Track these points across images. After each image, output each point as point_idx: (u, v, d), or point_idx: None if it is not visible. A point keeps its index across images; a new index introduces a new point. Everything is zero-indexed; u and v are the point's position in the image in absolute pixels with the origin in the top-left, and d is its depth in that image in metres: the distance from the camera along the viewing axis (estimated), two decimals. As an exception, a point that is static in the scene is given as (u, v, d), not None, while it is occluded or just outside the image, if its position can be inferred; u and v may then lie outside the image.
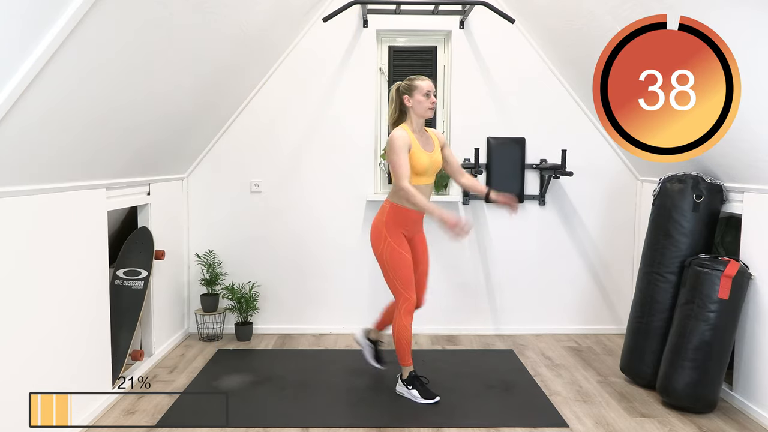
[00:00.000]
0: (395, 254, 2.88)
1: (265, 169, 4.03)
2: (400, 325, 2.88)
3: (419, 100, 2.87)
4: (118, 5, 1.99)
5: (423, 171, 2.87)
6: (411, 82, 2.90)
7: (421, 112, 2.89)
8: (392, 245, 2.88)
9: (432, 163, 2.90)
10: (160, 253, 3.43)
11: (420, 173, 2.86)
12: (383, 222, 2.92)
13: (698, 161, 3.07)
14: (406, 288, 2.89)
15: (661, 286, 3.09)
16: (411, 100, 2.89)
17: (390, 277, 2.91)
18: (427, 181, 2.93)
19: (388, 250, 2.89)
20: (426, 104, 2.88)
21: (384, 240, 2.90)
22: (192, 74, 2.99)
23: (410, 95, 2.89)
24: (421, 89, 2.87)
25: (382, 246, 2.91)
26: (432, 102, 2.89)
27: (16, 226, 2.16)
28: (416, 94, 2.87)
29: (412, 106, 2.89)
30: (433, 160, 2.91)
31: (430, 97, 2.88)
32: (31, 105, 1.90)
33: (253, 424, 2.69)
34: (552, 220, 4.09)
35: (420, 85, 2.87)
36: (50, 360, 2.38)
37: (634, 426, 2.71)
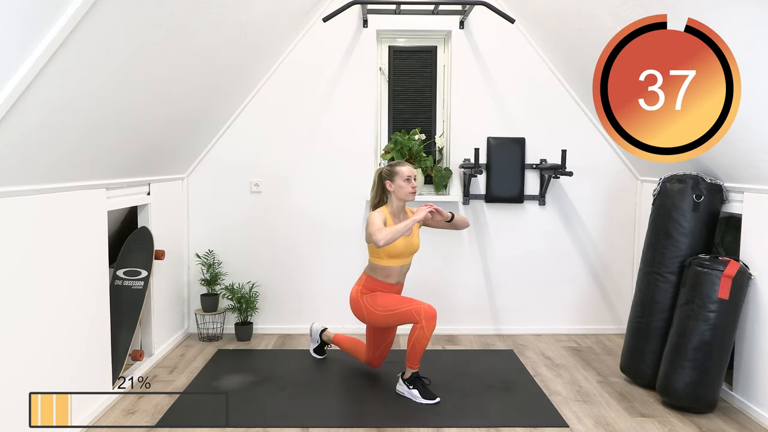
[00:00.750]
0: (374, 298, 3.03)
1: (265, 169, 4.03)
2: (421, 336, 2.88)
3: (400, 185, 3.02)
4: (118, 5, 1.99)
5: (397, 254, 3.02)
6: (392, 168, 3.07)
7: (401, 196, 3.04)
8: (371, 302, 3.02)
9: (407, 246, 3.04)
10: (160, 253, 3.43)
11: (394, 256, 3.02)
12: (358, 293, 3.09)
13: (698, 161, 3.07)
14: (408, 304, 2.92)
15: (661, 286, 3.09)
16: (392, 185, 3.04)
17: (390, 315, 2.97)
18: (403, 262, 3.08)
19: (367, 302, 3.04)
20: (407, 189, 3.02)
21: (362, 300, 3.05)
22: (192, 74, 2.99)
23: (392, 180, 3.04)
24: (402, 174, 3.02)
25: (362, 305, 3.06)
26: (413, 187, 3.03)
27: (17, 226, 2.16)
28: (397, 179, 3.02)
29: (394, 191, 3.05)
30: (409, 243, 3.04)
31: (410, 182, 3.03)
32: (31, 105, 1.89)
33: (253, 424, 2.69)
34: (552, 220, 4.09)
35: (401, 171, 3.03)
36: (50, 360, 2.38)
37: (634, 426, 2.71)
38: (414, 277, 3.33)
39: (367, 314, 3.05)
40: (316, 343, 3.57)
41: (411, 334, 2.91)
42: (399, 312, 2.93)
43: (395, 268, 3.05)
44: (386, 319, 2.99)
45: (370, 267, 3.12)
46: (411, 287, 3.32)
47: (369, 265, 3.12)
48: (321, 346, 3.57)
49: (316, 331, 3.58)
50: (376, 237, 2.82)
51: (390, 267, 3.04)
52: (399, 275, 3.10)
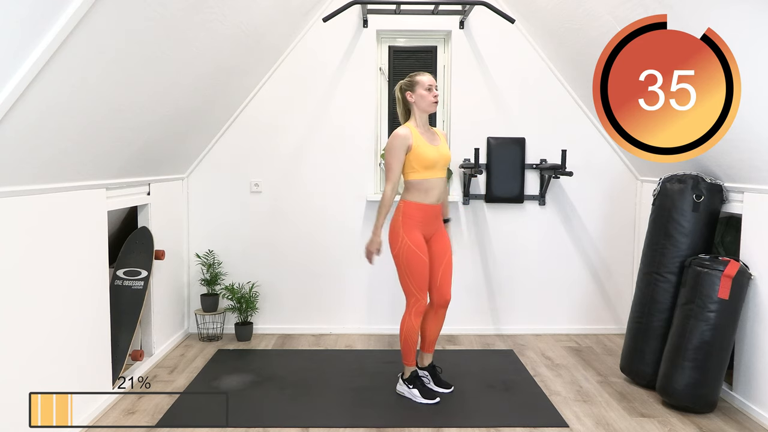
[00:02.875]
0: (411, 255, 2.84)
1: (265, 169, 4.03)
2: (409, 326, 2.88)
3: (422, 95, 2.88)
4: (117, 5, 1.99)
5: (432, 164, 2.86)
6: (412, 78, 2.91)
7: (424, 107, 2.90)
8: (409, 246, 2.85)
9: (441, 155, 2.89)
10: (160, 253, 3.43)
11: (428, 167, 2.85)
12: (399, 222, 2.89)
13: (698, 161, 3.07)
14: (419, 290, 2.88)
15: (661, 286, 3.09)
16: (414, 96, 2.89)
17: (404, 277, 2.89)
18: (438, 174, 2.91)
19: (405, 251, 2.85)
20: (429, 98, 2.88)
21: (401, 240, 2.86)
22: (192, 74, 2.99)
23: (412, 91, 2.89)
24: (422, 84, 2.88)
25: (398, 246, 2.87)
26: (435, 95, 2.89)
27: (16, 226, 2.16)
28: (418, 89, 2.88)
29: (415, 102, 2.89)
30: (441, 153, 2.90)
31: (432, 90, 2.88)
32: (31, 105, 1.90)
33: (253, 424, 2.69)
34: (552, 220, 4.09)
35: (421, 80, 2.88)
36: (50, 360, 2.38)
37: (634, 426, 2.71)
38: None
39: (396, 251, 2.87)
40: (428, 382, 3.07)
41: (401, 329, 2.91)
42: (410, 282, 2.85)
43: (433, 180, 2.87)
44: (402, 269, 2.86)
45: (406, 188, 2.91)
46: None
47: (405, 186, 2.93)
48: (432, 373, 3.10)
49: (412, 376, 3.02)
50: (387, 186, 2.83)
51: (428, 180, 2.86)
52: (438, 190, 2.90)
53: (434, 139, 2.93)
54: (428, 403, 2.91)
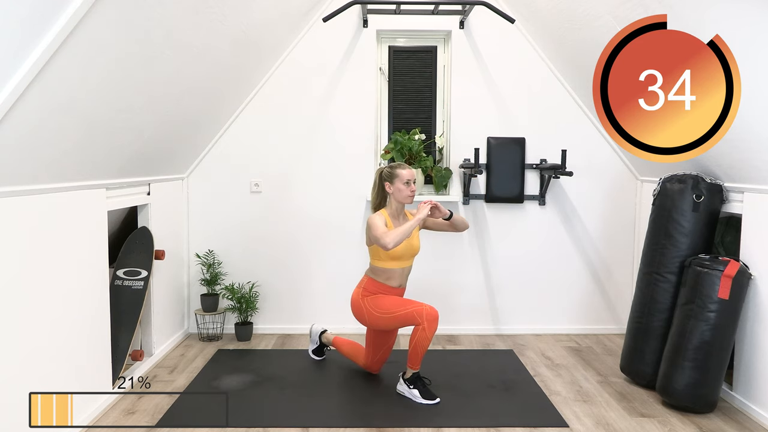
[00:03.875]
0: (376, 300, 3.01)
1: (265, 169, 4.03)
2: (422, 337, 2.87)
3: (399, 188, 3.02)
4: (117, 5, 1.99)
5: (398, 256, 3.01)
6: (393, 170, 3.05)
7: (400, 199, 3.04)
8: (372, 305, 3.01)
9: (408, 248, 3.02)
10: (160, 253, 3.43)
11: (395, 258, 3.00)
12: (359, 295, 3.08)
13: (698, 161, 3.07)
14: (410, 305, 2.91)
15: (661, 286, 3.09)
16: (392, 188, 3.04)
17: (392, 321, 2.96)
18: (403, 265, 3.07)
19: (369, 304, 3.02)
20: (406, 192, 3.02)
21: (365, 310, 3.04)
22: (192, 74, 2.99)
23: (391, 182, 3.04)
24: (401, 178, 3.01)
25: (363, 308, 3.04)
26: (411, 190, 3.03)
27: (16, 226, 2.16)
28: (396, 182, 3.02)
29: (393, 193, 3.04)
30: (409, 245, 3.03)
31: (410, 185, 3.02)
32: (31, 105, 1.89)
33: (253, 424, 2.69)
34: (552, 220, 4.09)
35: (401, 174, 3.02)
36: (50, 360, 2.38)
37: (634, 426, 2.71)
38: (414, 278, 3.33)
39: (368, 317, 3.04)
40: (315, 345, 3.55)
41: (413, 336, 2.90)
42: (401, 314, 2.92)
43: (397, 270, 3.05)
44: (388, 321, 2.99)
45: (371, 269, 3.11)
46: (411, 288, 3.32)
47: (370, 267, 3.12)
48: (320, 347, 3.55)
49: (315, 333, 3.56)
50: (384, 241, 2.82)
51: (392, 269, 3.04)
52: (401, 278, 3.09)
53: None
54: (428, 404, 2.90)
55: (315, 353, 3.56)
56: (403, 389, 3.00)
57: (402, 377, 3.03)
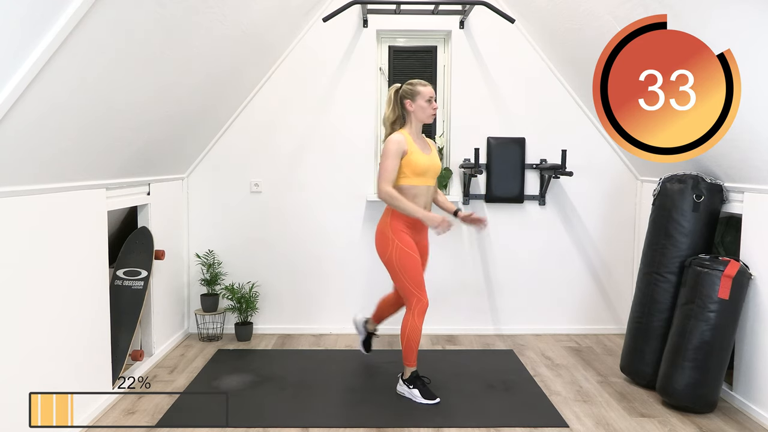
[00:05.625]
0: (404, 256, 2.87)
1: (265, 169, 4.03)
2: (412, 326, 2.87)
3: (422, 106, 2.90)
4: (117, 5, 1.99)
5: (422, 171, 2.89)
6: (414, 87, 2.91)
7: (422, 118, 2.92)
8: (400, 247, 2.87)
9: (432, 164, 2.93)
10: (160, 253, 3.43)
11: (420, 174, 2.89)
12: (387, 225, 2.92)
13: (698, 161, 3.07)
14: (419, 288, 2.89)
15: (661, 286, 3.09)
16: (413, 105, 2.90)
17: (401, 280, 2.90)
18: (428, 182, 2.94)
19: (396, 253, 2.88)
20: (429, 110, 2.91)
21: (391, 243, 2.89)
22: (192, 74, 2.99)
23: (413, 100, 2.90)
24: (423, 95, 2.89)
25: (389, 250, 2.90)
26: (434, 108, 2.92)
27: (16, 226, 2.16)
28: (419, 100, 2.89)
29: (414, 111, 2.91)
30: (433, 161, 2.95)
31: (432, 103, 2.91)
32: (31, 105, 1.90)
33: (253, 424, 2.69)
34: (552, 220, 4.09)
35: (423, 91, 2.90)
36: (50, 360, 2.38)
37: (634, 426, 2.71)
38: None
39: (387, 256, 2.89)
40: (362, 335, 3.45)
41: (403, 329, 2.90)
42: (407, 285, 2.87)
43: (422, 187, 2.90)
44: (397, 272, 2.88)
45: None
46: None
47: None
48: (368, 338, 3.46)
49: (360, 323, 3.45)
50: (380, 185, 2.79)
51: (417, 186, 2.89)
52: (426, 197, 2.93)
53: (426, 148, 2.98)
54: (428, 404, 2.90)
55: (364, 346, 3.47)
56: (403, 390, 3.00)
57: (401, 378, 3.03)
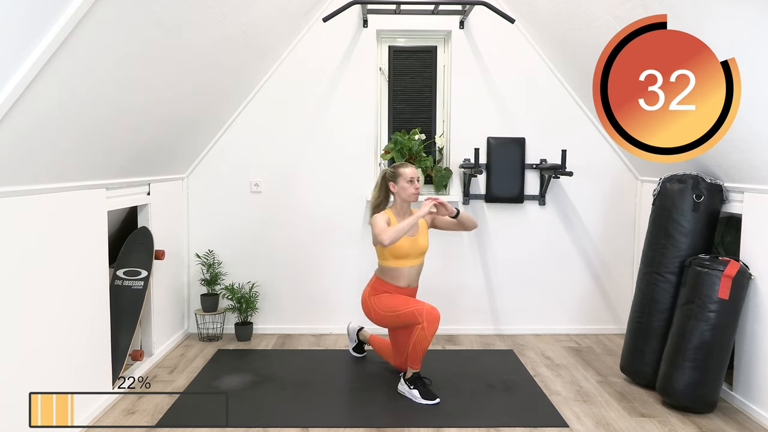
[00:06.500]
0: (382, 299, 3.05)
1: (265, 169, 4.03)
2: (421, 336, 2.88)
3: (404, 186, 3.06)
4: (118, 5, 1.99)
5: (403, 255, 3.03)
6: (396, 169, 3.10)
7: (405, 197, 3.08)
8: (378, 302, 3.05)
9: (413, 247, 3.05)
10: (160, 253, 3.43)
11: (399, 257, 3.03)
12: (368, 294, 3.14)
13: (698, 161, 3.07)
14: (412, 304, 2.93)
15: (661, 286, 3.09)
16: (396, 187, 3.08)
17: (396, 318, 2.98)
18: (412, 263, 3.08)
19: (375, 303, 3.06)
20: (410, 190, 3.06)
21: (372, 307, 3.08)
22: (192, 74, 2.99)
23: (395, 182, 3.08)
24: (405, 176, 3.06)
25: (371, 307, 3.09)
26: (416, 188, 3.07)
27: (16, 226, 2.16)
28: (400, 181, 3.07)
29: (397, 192, 3.08)
30: (414, 243, 3.05)
31: (414, 183, 3.07)
32: (31, 105, 1.90)
33: (253, 424, 2.69)
34: (552, 220, 4.09)
35: (404, 172, 3.07)
36: (50, 360, 2.38)
37: (634, 426, 2.71)
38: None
39: (374, 315, 3.09)
40: (354, 342, 3.61)
41: (411, 335, 2.91)
42: (401, 313, 2.94)
43: (404, 269, 3.06)
44: (390, 320, 3.02)
45: (379, 269, 3.15)
46: (411, 287, 3.32)
47: (378, 267, 3.15)
48: (359, 345, 3.60)
49: (353, 331, 3.62)
50: (381, 237, 2.85)
51: (398, 268, 3.05)
52: (409, 277, 3.10)
53: (412, 228, 3.03)
54: (428, 404, 2.90)
55: (355, 351, 3.61)
56: (403, 389, 3.00)
57: (402, 377, 3.03)
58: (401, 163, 3.14)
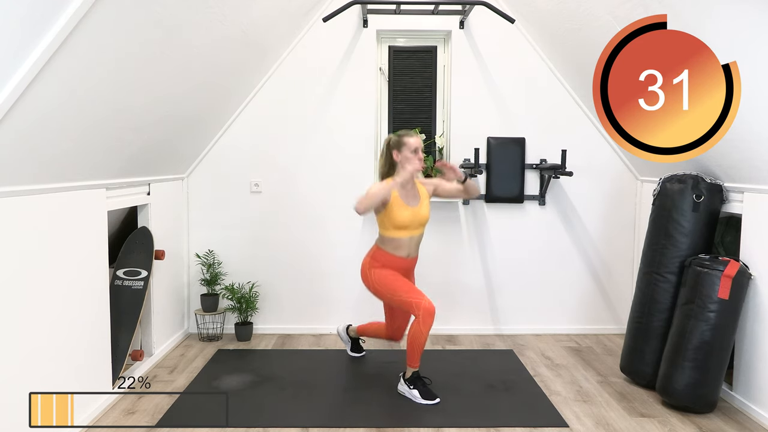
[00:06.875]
0: (383, 276, 3.00)
1: (265, 169, 4.03)
2: (417, 332, 2.88)
3: (407, 157, 2.99)
4: (117, 5, 1.99)
5: (404, 225, 2.98)
6: (400, 138, 3.02)
7: (407, 167, 2.99)
8: (378, 272, 3.01)
9: (414, 217, 2.99)
10: (160, 253, 3.43)
11: (400, 227, 2.98)
12: (367, 263, 3.08)
13: (698, 161, 3.07)
14: (414, 295, 2.91)
15: (661, 286, 3.09)
16: (399, 156, 3.01)
17: (392, 296, 2.97)
18: (411, 234, 3.02)
19: (376, 278, 3.01)
20: (413, 161, 2.99)
21: (370, 275, 3.03)
22: (192, 74, 2.99)
23: (399, 150, 3.01)
24: (409, 146, 2.99)
25: (370, 279, 3.04)
26: (419, 159, 3.00)
27: (16, 226, 2.16)
28: (404, 150, 3.00)
29: (400, 161, 3.01)
30: (416, 213, 3.00)
31: (417, 153, 2.99)
32: (31, 105, 1.90)
33: (253, 424, 2.69)
34: (552, 220, 4.09)
35: (408, 142, 2.99)
36: (50, 360, 2.38)
37: (634, 426, 2.71)
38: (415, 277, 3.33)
39: (372, 287, 3.05)
40: (348, 343, 3.59)
41: (409, 332, 2.92)
42: (401, 299, 2.93)
43: (404, 239, 3.00)
44: (387, 298, 3.02)
45: (380, 239, 3.07)
46: (411, 287, 3.32)
47: (378, 236, 3.08)
48: (355, 343, 3.60)
49: (342, 332, 3.61)
50: (355, 206, 2.83)
51: (398, 239, 3.00)
52: (409, 248, 3.04)
53: (413, 198, 3.01)
54: (428, 404, 2.90)
55: (353, 351, 3.59)
56: (403, 389, 3.00)
57: (402, 377, 3.03)
58: (406, 132, 3.07)
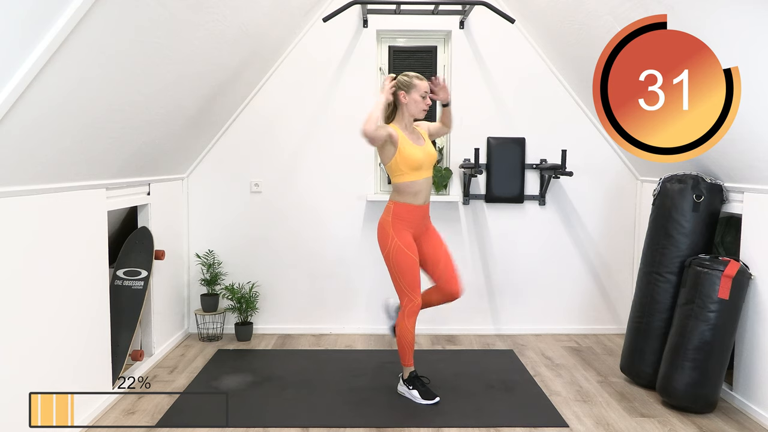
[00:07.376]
0: (401, 255, 2.85)
1: (265, 169, 4.03)
2: (403, 327, 2.89)
3: (416, 100, 2.86)
4: (118, 5, 1.99)
5: (419, 165, 2.85)
6: (410, 79, 2.87)
7: (414, 112, 2.89)
8: (399, 245, 2.86)
9: (426, 155, 2.89)
10: (160, 253, 3.43)
11: (416, 168, 2.85)
12: (389, 222, 2.89)
13: (698, 161, 3.07)
14: (411, 290, 2.88)
15: (661, 286, 3.09)
16: (407, 98, 2.86)
17: (395, 278, 2.90)
18: (425, 175, 2.90)
19: (394, 251, 2.86)
20: (422, 105, 2.87)
21: (390, 240, 2.87)
22: (192, 74, 2.99)
23: (407, 92, 2.86)
24: (419, 89, 2.86)
25: (388, 245, 2.88)
26: (427, 103, 2.88)
27: (16, 226, 2.16)
28: (414, 93, 2.86)
29: (407, 104, 2.87)
30: (427, 152, 2.90)
31: (426, 98, 2.88)
32: (32, 105, 1.90)
33: (253, 424, 2.69)
34: (552, 220, 4.09)
35: (419, 85, 2.86)
36: (50, 360, 2.38)
37: (634, 426, 2.71)
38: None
39: (386, 254, 2.89)
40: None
41: (396, 330, 2.96)
42: (401, 286, 2.87)
43: (420, 182, 2.86)
44: (392, 274, 2.89)
45: (395, 190, 2.91)
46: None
47: (394, 188, 2.92)
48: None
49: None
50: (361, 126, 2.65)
51: (416, 181, 2.85)
52: (425, 192, 2.90)
53: (419, 139, 2.94)
54: (428, 404, 2.90)
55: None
56: (403, 390, 3.00)
57: (401, 377, 3.03)
58: (414, 74, 2.88)
